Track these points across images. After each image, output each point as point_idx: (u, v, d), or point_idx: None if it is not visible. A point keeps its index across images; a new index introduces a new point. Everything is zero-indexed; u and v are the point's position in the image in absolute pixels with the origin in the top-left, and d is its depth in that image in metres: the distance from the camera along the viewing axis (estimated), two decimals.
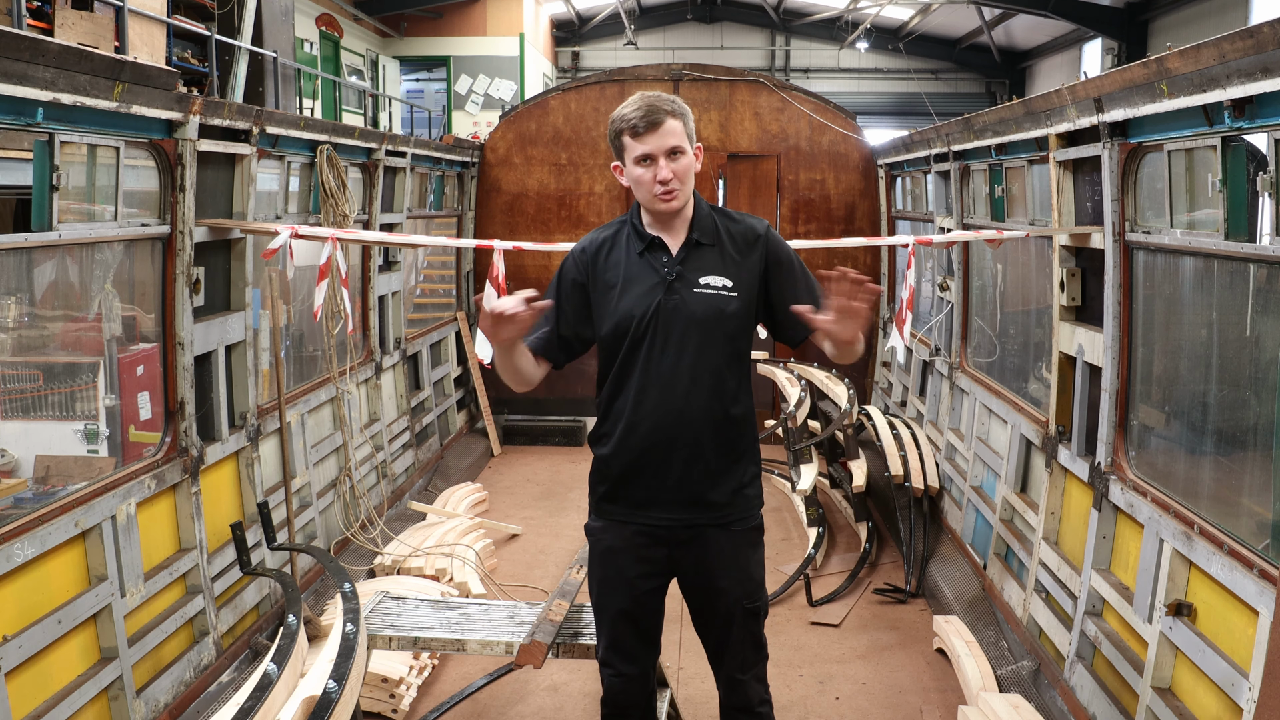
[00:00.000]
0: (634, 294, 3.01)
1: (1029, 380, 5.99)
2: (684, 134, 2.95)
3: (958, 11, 22.46)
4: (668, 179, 2.92)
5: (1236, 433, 3.91)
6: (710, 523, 3.06)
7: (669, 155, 2.93)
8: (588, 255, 3.10)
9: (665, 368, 2.99)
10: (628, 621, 3.15)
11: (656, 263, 3.02)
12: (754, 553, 3.16)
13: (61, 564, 3.93)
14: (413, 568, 6.11)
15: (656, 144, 2.91)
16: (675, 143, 2.92)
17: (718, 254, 3.03)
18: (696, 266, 3.01)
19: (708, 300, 2.99)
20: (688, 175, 2.98)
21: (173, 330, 4.73)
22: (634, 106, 2.95)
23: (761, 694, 3.27)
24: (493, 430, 9.67)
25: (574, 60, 27.06)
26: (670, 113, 2.93)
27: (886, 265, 9.77)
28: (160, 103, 4.34)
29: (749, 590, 3.13)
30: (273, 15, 13.50)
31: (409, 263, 8.84)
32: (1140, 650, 4.02)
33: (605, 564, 3.15)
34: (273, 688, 3.15)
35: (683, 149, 2.94)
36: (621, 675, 3.20)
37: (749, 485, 3.13)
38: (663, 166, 2.92)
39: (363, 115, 18.61)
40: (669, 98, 2.97)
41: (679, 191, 2.96)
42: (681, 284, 3.00)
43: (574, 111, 9.96)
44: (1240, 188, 3.56)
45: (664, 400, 3.00)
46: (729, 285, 3.00)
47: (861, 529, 6.86)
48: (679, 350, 2.99)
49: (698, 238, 3.03)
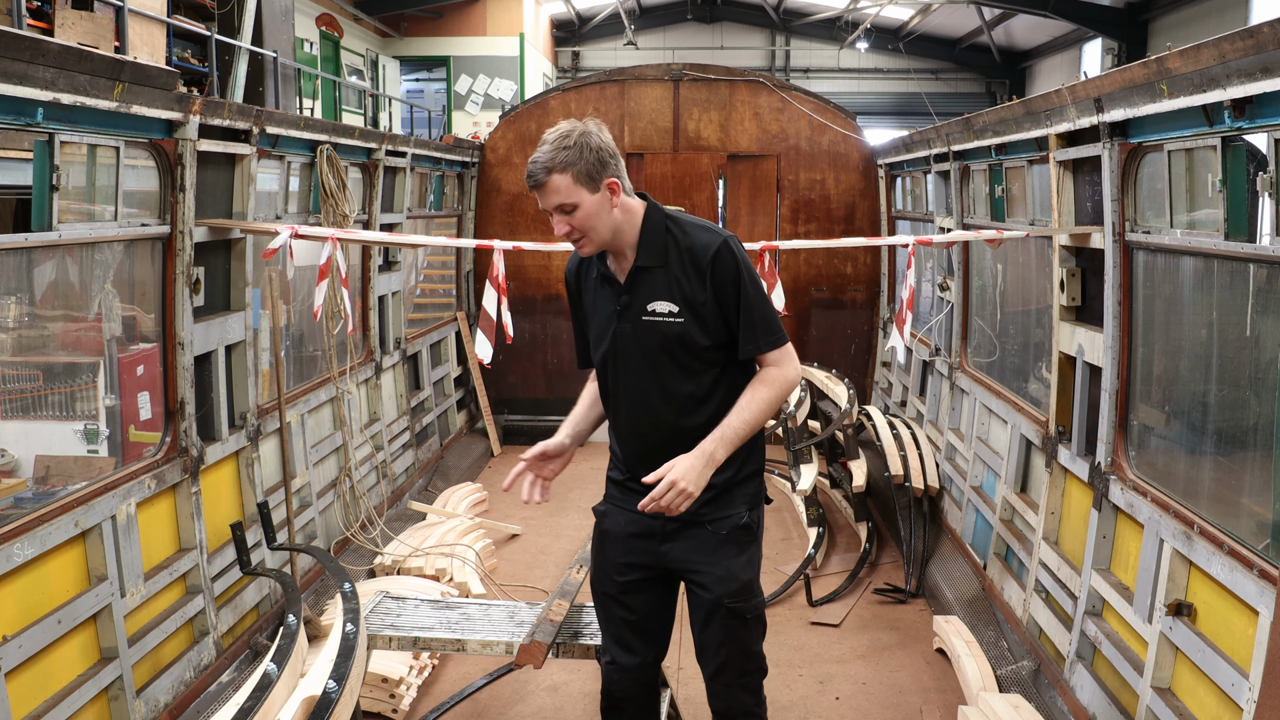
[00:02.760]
0: (597, 323, 3.13)
1: (1029, 380, 5.99)
2: (570, 187, 2.87)
3: (958, 11, 22.46)
4: (566, 233, 2.95)
5: (1236, 433, 3.91)
6: (688, 519, 3.06)
7: (559, 210, 2.92)
8: (572, 273, 3.23)
9: (631, 388, 3.08)
10: (618, 607, 3.19)
11: (610, 291, 3.07)
12: (738, 553, 3.10)
13: (61, 564, 3.93)
14: (413, 568, 6.11)
15: (544, 202, 2.93)
16: (560, 201, 2.89)
17: (664, 277, 3.00)
18: (644, 293, 3.01)
19: (654, 328, 3.00)
20: (590, 222, 2.92)
21: (173, 330, 4.73)
22: (529, 162, 2.92)
23: (748, 705, 3.18)
24: (493, 430, 9.67)
25: (574, 60, 27.05)
26: (551, 169, 2.86)
27: (886, 265, 9.77)
28: (160, 103, 4.34)
29: (731, 590, 3.08)
30: (273, 15, 13.50)
31: (409, 263, 8.84)
32: (1140, 650, 4.02)
33: (599, 549, 3.24)
34: (273, 688, 3.15)
35: (573, 203, 2.89)
36: (615, 664, 3.22)
37: (732, 486, 3.09)
38: (558, 222, 2.94)
39: (363, 115, 18.61)
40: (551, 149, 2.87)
41: (585, 240, 2.96)
42: (631, 312, 3.03)
43: (574, 111, 9.95)
44: (1240, 188, 3.56)
45: (634, 414, 3.10)
46: (674, 311, 2.98)
47: (861, 529, 6.86)
48: (638, 373, 3.05)
49: (641, 263, 3.01)
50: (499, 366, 9.47)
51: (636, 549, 3.14)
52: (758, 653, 3.20)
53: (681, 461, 2.86)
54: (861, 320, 10.03)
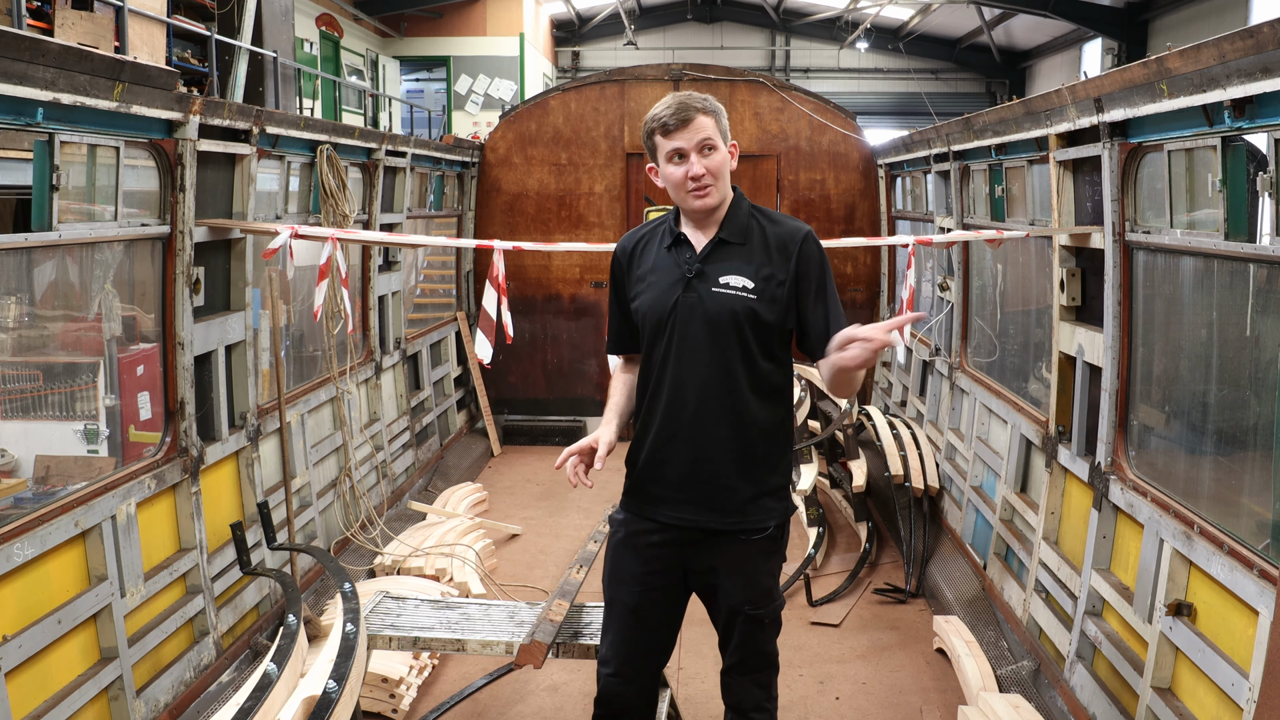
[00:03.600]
0: (656, 290, 3.04)
1: (1029, 380, 5.99)
2: (716, 130, 2.94)
3: (958, 11, 22.46)
4: (700, 174, 2.92)
5: (1236, 433, 3.91)
6: (720, 528, 3.02)
7: (700, 151, 2.92)
8: (625, 251, 3.17)
9: (681, 366, 2.99)
10: (634, 619, 3.12)
11: (680, 259, 3.02)
12: (765, 561, 3.08)
13: (61, 564, 3.93)
14: (413, 568, 6.11)
15: (688, 139, 2.91)
16: (706, 136, 2.91)
17: (745, 254, 2.99)
18: (719, 265, 2.99)
19: (724, 300, 2.95)
20: (721, 171, 2.96)
21: (173, 330, 4.73)
22: (665, 105, 2.95)
23: (759, 700, 3.19)
24: (493, 430, 9.67)
25: (574, 60, 27.06)
26: (701, 109, 2.92)
27: (886, 265, 9.77)
28: (160, 103, 4.34)
29: (751, 598, 3.06)
30: (273, 15, 13.50)
31: (409, 263, 8.84)
32: (1140, 650, 4.02)
33: (617, 558, 3.16)
34: (273, 688, 3.15)
35: (715, 144, 2.93)
36: (619, 676, 3.15)
37: (769, 495, 3.05)
38: (694, 162, 2.92)
39: (363, 115, 18.61)
40: (701, 96, 2.96)
41: (712, 188, 2.95)
42: (700, 282, 2.98)
43: (574, 111, 9.96)
44: (1240, 188, 3.56)
45: (675, 398, 3.00)
46: (749, 286, 2.95)
47: (861, 529, 6.87)
48: (694, 349, 2.98)
49: (724, 236, 3.00)
50: (499, 366, 9.47)
51: (657, 557, 3.09)
52: (771, 652, 3.21)
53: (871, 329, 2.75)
54: (861, 320, 9.91)
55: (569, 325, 10.01)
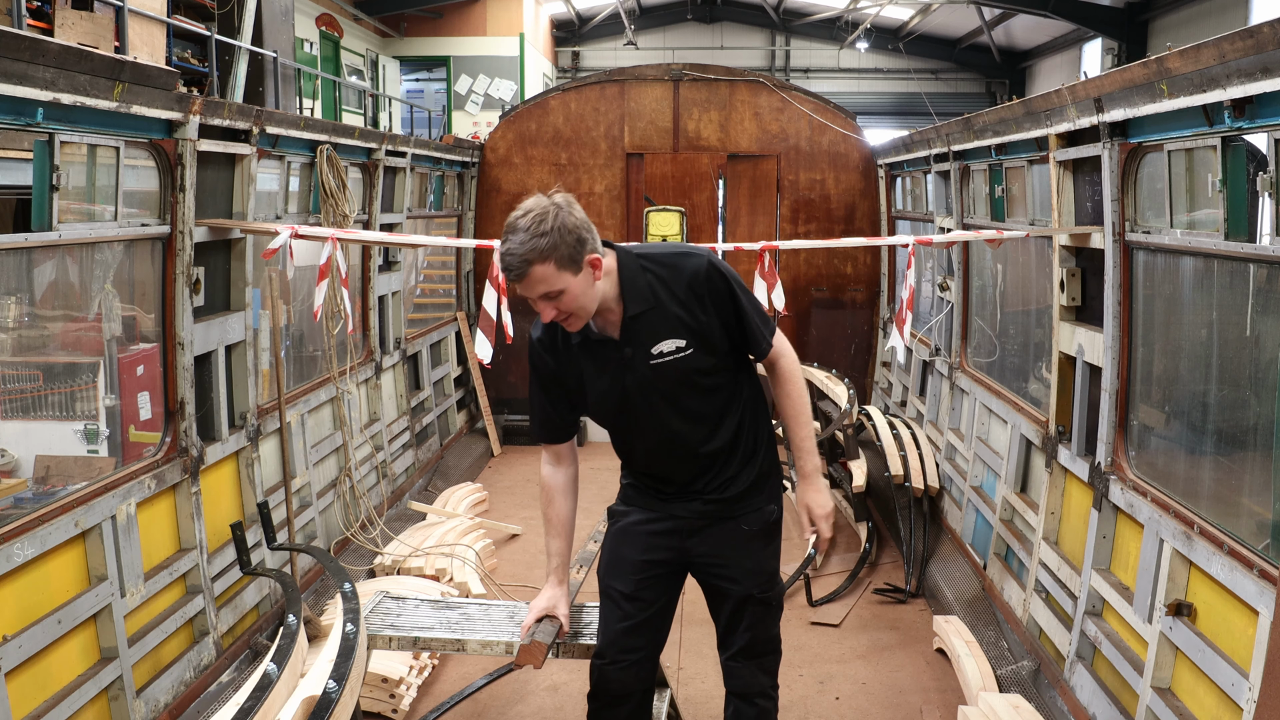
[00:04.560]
0: (599, 384, 3.06)
1: (1029, 380, 5.99)
2: (554, 274, 2.78)
3: (958, 11, 22.46)
4: (553, 317, 2.89)
5: (1236, 433, 3.91)
6: (722, 515, 3.17)
7: (545, 298, 2.85)
8: (545, 348, 3.10)
9: (652, 429, 3.09)
10: (631, 605, 3.21)
11: (606, 351, 3.02)
12: (766, 545, 3.22)
13: (61, 564, 3.93)
14: (413, 568, 6.11)
15: (528, 292, 2.85)
16: (545, 289, 2.81)
17: (661, 315, 2.96)
18: (645, 337, 2.97)
19: (666, 369, 2.99)
20: (577, 303, 2.86)
21: (173, 330, 4.73)
22: (503, 252, 2.79)
23: (764, 686, 3.29)
24: (493, 430, 9.68)
25: (574, 60, 27.05)
26: (531, 261, 2.75)
27: (886, 265, 9.77)
28: (160, 103, 4.34)
29: (759, 582, 3.20)
30: (273, 15, 13.49)
31: (409, 263, 8.84)
32: (1140, 650, 4.02)
33: (616, 546, 3.27)
34: (273, 688, 3.15)
35: (558, 288, 2.81)
36: (615, 664, 3.22)
37: (760, 483, 3.19)
38: (545, 308, 2.87)
39: (363, 115, 18.61)
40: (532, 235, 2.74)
41: (573, 319, 2.91)
42: (637, 360, 2.98)
43: (574, 111, 9.96)
44: (1240, 188, 3.56)
45: (656, 447, 3.14)
46: (681, 345, 2.97)
47: (861, 529, 6.86)
48: (657, 413, 3.06)
49: (633, 312, 2.95)
50: (499, 366, 9.46)
51: (658, 545, 3.19)
52: (776, 635, 3.32)
53: (807, 496, 3.16)
54: (861, 320, 10.03)
55: None
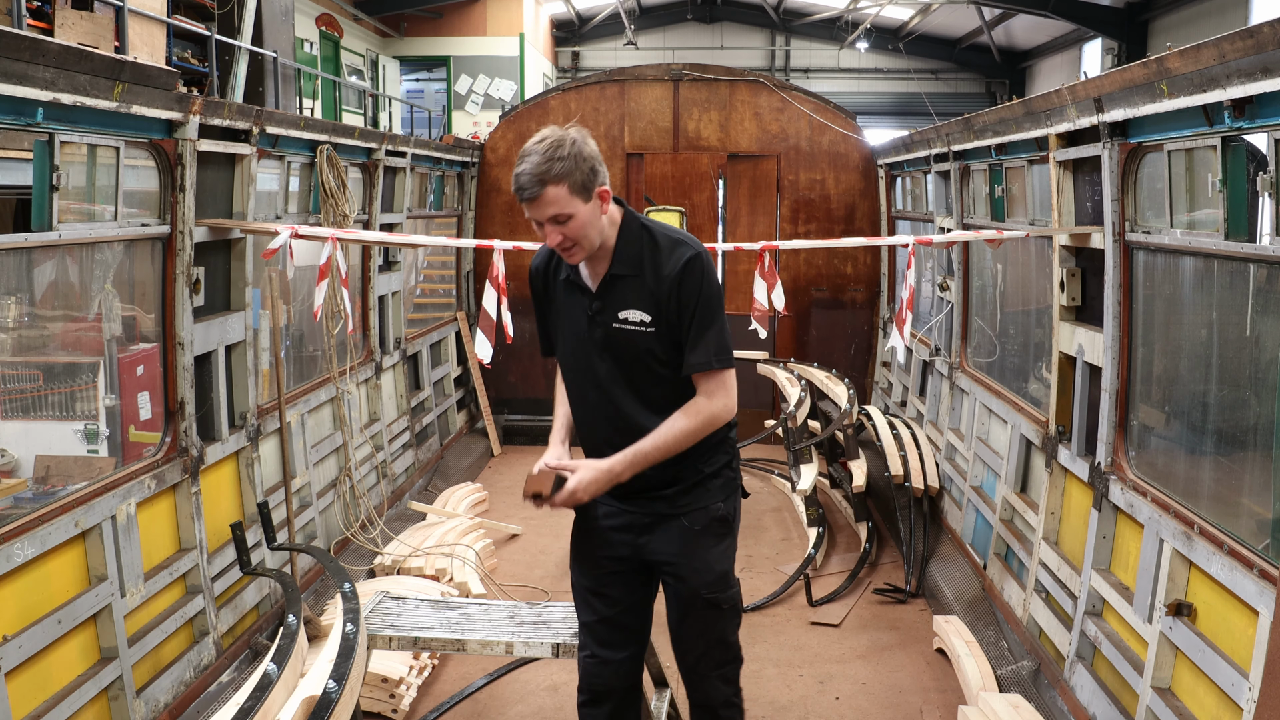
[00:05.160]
0: (567, 324, 3.13)
1: (1029, 380, 5.99)
2: (567, 198, 2.85)
3: (958, 11, 22.46)
4: (557, 242, 2.94)
5: (1236, 433, 3.91)
6: (665, 512, 3.15)
7: (553, 221, 2.90)
8: (539, 272, 3.22)
9: (594, 389, 3.10)
10: (598, 600, 3.22)
11: (581, 298, 3.07)
12: (715, 544, 3.17)
13: (61, 564, 3.93)
14: (413, 568, 6.11)
15: (539, 213, 2.90)
16: (555, 211, 2.87)
17: (638, 285, 3.01)
18: (617, 300, 3.02)
19: (625, 336, 3.02)
20: (583, 231, 2.92)
21: (173, 330, 4.73)
22: (518, 172, 2.88)
23: (727, 695, 3.26)
24: (493, 430, 9.68)
25: (574, 60, 27.05)
26: (550, 179, 2.83)
27: (886, 265, 9.77)
28: (160, 103, 4.34)
29: (707, 581, 3.15)
30: (273, 15, 13.49)
31: (409, 263, 8.84)
32: (1140, 650, 4.02)
33: (578, 540, 3.28)
34: (273, 688, 3.15)
35: (568, 213, 2.87)
36: (596, 658, 3.24)
37: (704, 479, 3.14)
38: (551, 232, 2.92)
39: (363, 115, 18.61)
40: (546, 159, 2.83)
41: (576, 248, 2.96)
42: (603, 317, 3.04)
43: (574, 111, 9.96)
44: (1240, 188, 3.56)
45: (597, 414, 3.13)
46: (646, 320, 3.00)
47: (861, 529, 6.86)
48: (605, 377, 3.08)
49: (616, 271, 3.02)
50: (499, 366, 9.47)
51: (616, 542, 3.20)
52: (734, 643, 3.27)
53: (586, 471, 2.98)
54: (861, 320, 10.03)
55: None
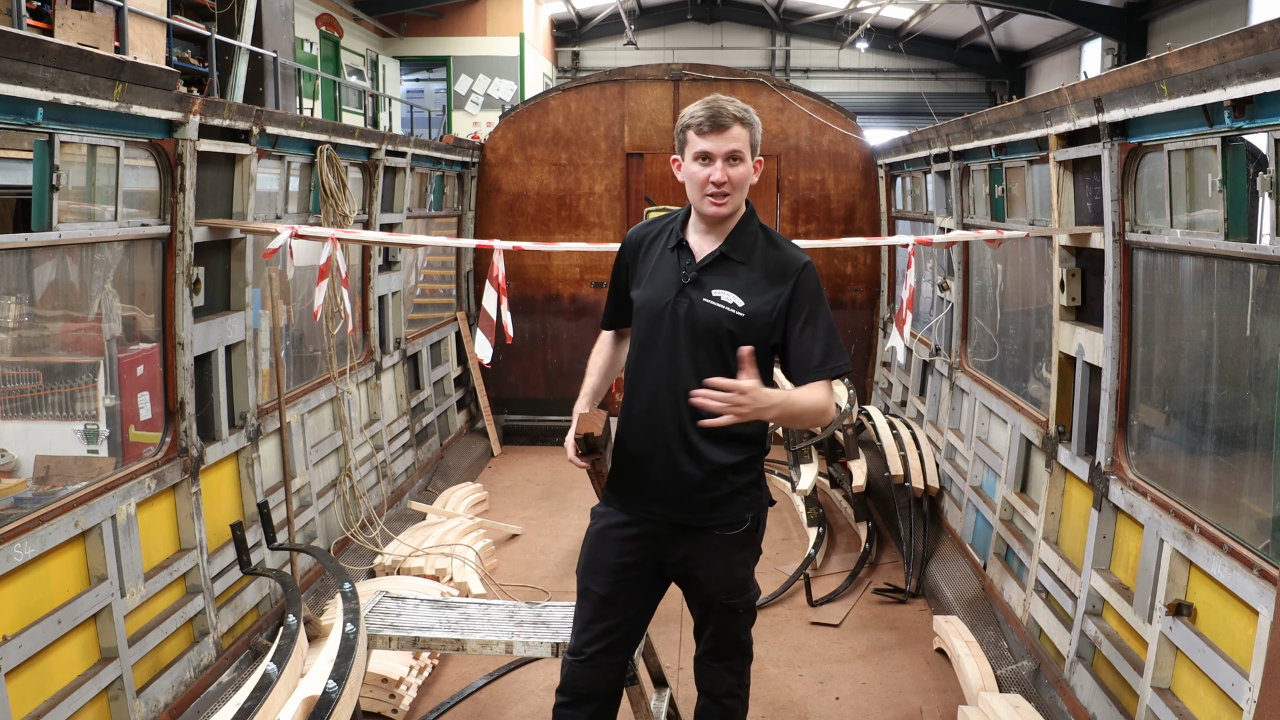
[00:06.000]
0: (653, 287, 3.09)
1: (1029, 380, 5.99)
2: (748, 142, 2.97)
3: (958, 11, 22.46)
4: (721, 181, 2.95)
5: (1236, 433, 3.91)
6: (696, 524, 3.12)
7: (727, 159, 2.95)
8: (632, 243, 3.23)
9: (662, 365, 3.06)
10: (607, 608, 3.20)
11: (680, 263, 3.07)
12: (739, 553, 3.18)
13: (61, 564, 3.93)
14: (413, 568, 6.11)
15: (717, 146, 2.94)
16: (736, 147, 2.95)
17: (743, 272, 3.02)
18: (716, 278, 3.03)
19: (712, 312, 3.00)
20: (742, 183, 2.99)
21: (173, 330, 4.73)
22: (705, 105, 2.98)
23: (732, 686, 3.32)
24: (493, 430, 9.67)
25: (574, 60, 27.05)
26: (739, 119, 2.95)
27: (886, 265, 9.77)
28: (160, 103, 4.34)
29: (727, 588, 3.18)
30: (273, 15, 13.49)
31: (409, 263, 8.84)
32: (1140, 650, 4.02)
33: (594, 548, 3.24)
34: (273, 688, 3.15)
35: (742, 156, 2.97)
36: (588, 662, 3.22)
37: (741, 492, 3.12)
38: (718, 168, 2.95)
39: (363, 115, 18.61)
40: (743, 106, 2.98)
41: (729, 198, 2.98)
42: (695, 289, 3.03)
43: (574, 111, 9.96)
44: (1240, 188, 3.56)
45: (654, 394, 3.08)
46: (739, 305, 2.99)
47: (861, 529, 6.86)
48: (676, 352, 3.04)
49: (726, 250, 3.04)
50: (499, 366, 9.47)
51: (633, 549, 3.17)
52: (745, 640, 3.32)
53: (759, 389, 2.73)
54: (861, 320, 10.03)
55: (569, 325, 10.01)
